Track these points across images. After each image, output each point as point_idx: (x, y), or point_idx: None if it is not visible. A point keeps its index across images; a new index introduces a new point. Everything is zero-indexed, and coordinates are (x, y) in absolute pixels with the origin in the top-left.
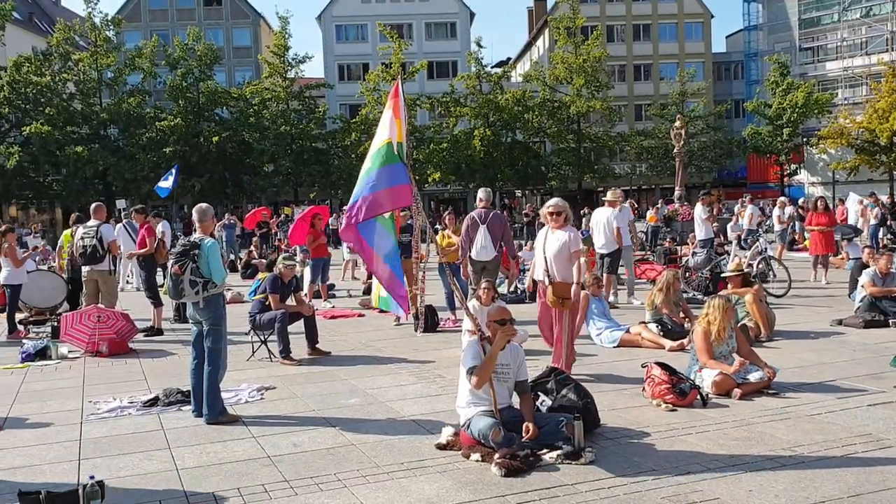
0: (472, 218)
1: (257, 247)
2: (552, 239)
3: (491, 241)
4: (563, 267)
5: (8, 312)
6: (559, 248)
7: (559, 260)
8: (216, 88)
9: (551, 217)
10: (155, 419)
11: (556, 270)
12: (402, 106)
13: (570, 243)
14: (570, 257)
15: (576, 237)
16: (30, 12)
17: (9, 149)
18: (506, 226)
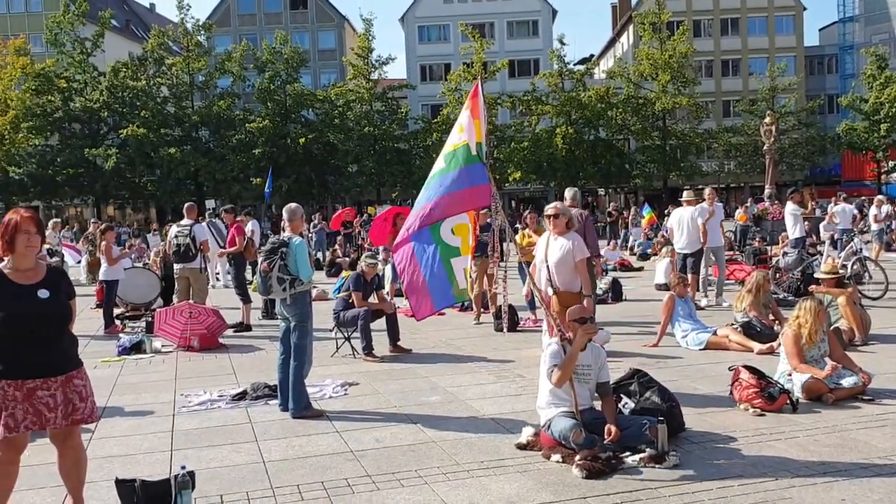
0: None
1: (341, 246)
2: (554, 246)
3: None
4: (566, 276)
5: (105, 308)
6: (562, 256)
7: (562, 268)
8: (302, 91)
9: (549, 221)
10: (243, 412)
11: (558, 280)
12: (482, 106)
13: (574, 251)
14: (575, 266)
15: (579, 244)
16: (127, 20)
17: (107, 151)
18: (588, 225)
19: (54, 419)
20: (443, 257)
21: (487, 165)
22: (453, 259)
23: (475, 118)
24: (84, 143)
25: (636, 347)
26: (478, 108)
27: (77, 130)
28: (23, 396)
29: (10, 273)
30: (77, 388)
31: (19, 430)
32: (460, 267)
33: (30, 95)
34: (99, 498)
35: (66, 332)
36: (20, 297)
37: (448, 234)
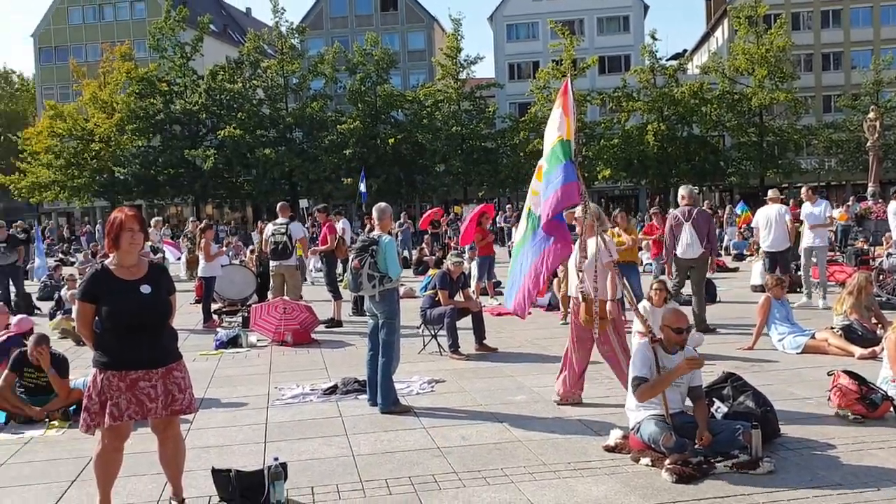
0: (676, 216)
1: (428, 244)
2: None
3: (697, 239)
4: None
5: (204, 303)
6: (589, 260)
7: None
8: (392, 91)
9: (577, 222)
10: (334, 406)
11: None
12: (572, 103)
13: (600, 253)
14: (602, 270)
15: (608, 246)
16: (224, 24)
17: (206, 152)
18: (711, 223)
19: (155, 409)
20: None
21: (576, 163)
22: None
23: (566, 115)
24: (184, 145)
25: (730, 350)
26: (568, 106)
27: (177, 132)
28: (126, 387)
29: (115, 269)
30: (176, 380)
31: (123, 419)
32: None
33: (134, 99)
34: (196, 486)
35: (166, 326)
36: (124, 293)
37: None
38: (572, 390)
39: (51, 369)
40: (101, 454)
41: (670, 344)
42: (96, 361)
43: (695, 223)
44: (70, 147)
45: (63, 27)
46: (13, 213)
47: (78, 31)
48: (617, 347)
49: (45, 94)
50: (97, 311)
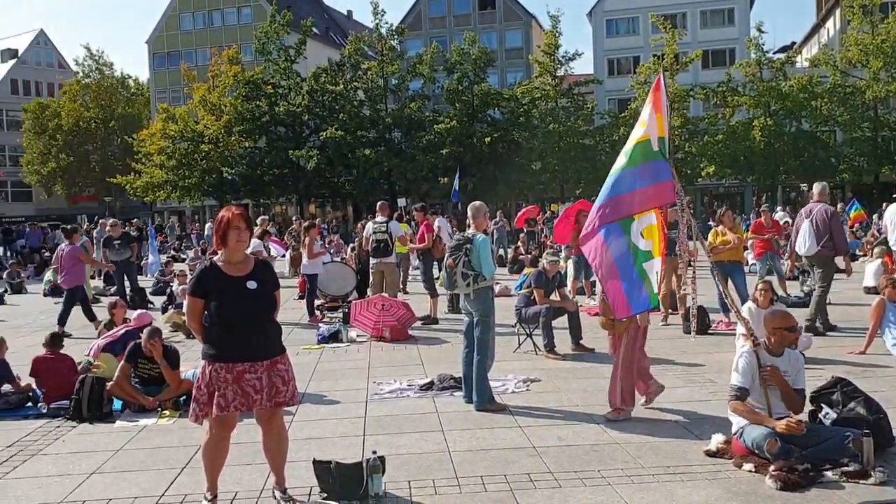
0: (800, 213)
1: (524, 243)
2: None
3: (813, 237)
4: None
5: (307, 299)
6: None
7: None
8: (489, 90)
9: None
10: (430, 402)
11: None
12: (664, 100)
13: None
14: None
15: None
16: (326, 27)
17: (309, 152)
18: (834, 220)
19: (260, 401)
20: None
21: (671, 161)
22: (645, 263)
23: (657, 112)
24: (288, 145)
25: (840, 354)
26: (660, 102)
27: (282, 133)
28: (233, 379)
29: (223, 265)
30: (280, 373)
31: (229, 409)
32: (653, 270)
33: (241, 101)
34: (298, 476)
35: (271, 321)
36: (231, 288)
37: (639, 238)
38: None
39: (163, 361)
40: (208, 443)
41: (781, 345)
42: (205, 354)
43: (814, 221)
44: (181, 148)
45: (175, 33)
46: (129, 212)
47: (189, 37)
48: (622, 358)
49: (159, 97)
50: (206, 306)
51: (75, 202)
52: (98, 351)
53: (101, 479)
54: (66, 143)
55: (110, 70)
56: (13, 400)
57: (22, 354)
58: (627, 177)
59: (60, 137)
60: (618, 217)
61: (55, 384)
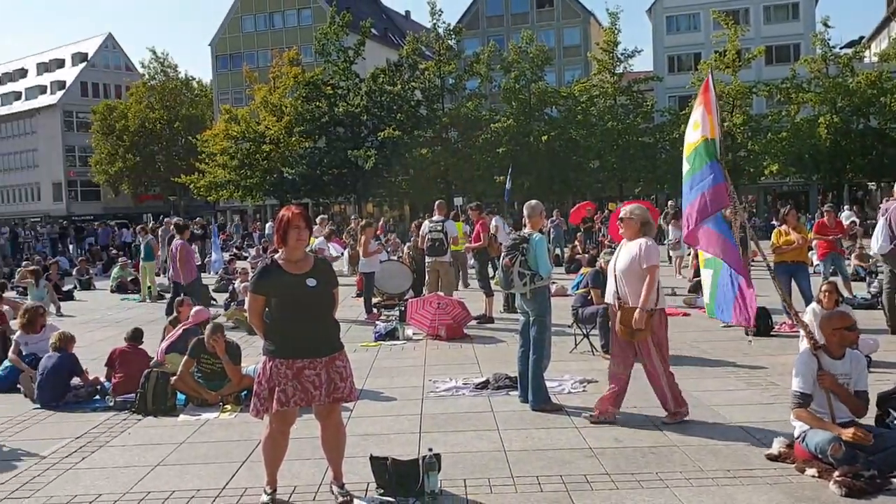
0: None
1: (581, 242)
2: (623, 252)
3: (887, 235)
4: (635, 286)
5: (365, 297)
6: (629, 263)
7: (630, 277)
8: (546, 88)
9: (621, 225)
10: (485, 401)
11: (627, 291)
12: (714, 101)
13: (640, 258)
14: (641, 275)
15: (648, 250)
16: (384, 28)
17: (366, 152)
18: None
19: (319, 396)
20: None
21: (723, 163)
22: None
23: (709, 114)
24: (347, 145)
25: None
26: (710, 103)
27: (341, 133)
28: (293, 375)
29: (283, 263)
30: (338, 369)
31: (289, 404)
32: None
33: (301, 102)
34: (356, 472)
35: (330, 318)
36: (291, 285)
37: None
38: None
39: (225, 356)
40: (268, 437)
41: (841, 346)
42: (266, 350)
43: (888, 219)
44: (243, 148)
45: (237, 35)
46: (193, 211)
47: (250, 39)
48: (658, 364)
49: (221, 98)
50: (267, 303)
51: (142, 201)
52: (163, 354)
53: (166, 470)
54: (132, 144)
55: (175, 72)
56: (82, 393)
57: (90, 349)
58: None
59: (127, 138)
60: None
61: (127, 377)
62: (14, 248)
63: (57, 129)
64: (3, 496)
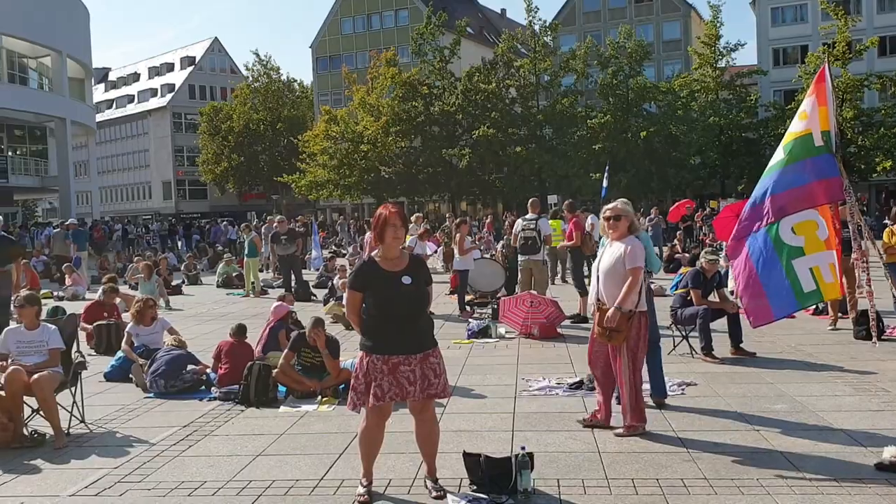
0: None
1: (680, 241)
2: (608, 253)
3: None
4: (615, 289)
5: (458, 294)
6: (612, 263)
7: (610, 279)
8: (645, 84)
9: (608, 224)
10: (579, 401)
11: (606, 292)
12: (829, 91)
13: (624, 257)
14: (624, 276)
15: (633, 251)
16: (480, 26)
17: (461, 151)
18: None
19: (413, 392)
20: (783, 260)
21: (838, 156)
22: (795, 260)
23: (821, 105)
24: (441, 144)
25: None
26: (824, 94)
27: (436, 132)
28: (388, 370)
29: (380, 261)
30: (432, 366)
31: (385, 399)
32: (805, 268)
33: (398, 102)
34: (449, 467)
35: (424, 315)
36: (388, 283)
37: (788, 234)
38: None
39: (325, 350)
40: (365, 431)
41: None
42: (363, 345)
43: None
44: (342, 148)
45: (337, 37)
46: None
47: (349, 41)
48: (626, 371)
49: (321, 99)
50: (364, 300)
51: (246, 199)
52: (261, 353)
53: (266, 460)
54: (237, 144)
55: (277, 74)
56: (188, 378)
57: (196, 341)
58: (788, 174)
59: (232, 139)
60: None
61: (232, 369)
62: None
63: (167, 130)
64: (116, 480)
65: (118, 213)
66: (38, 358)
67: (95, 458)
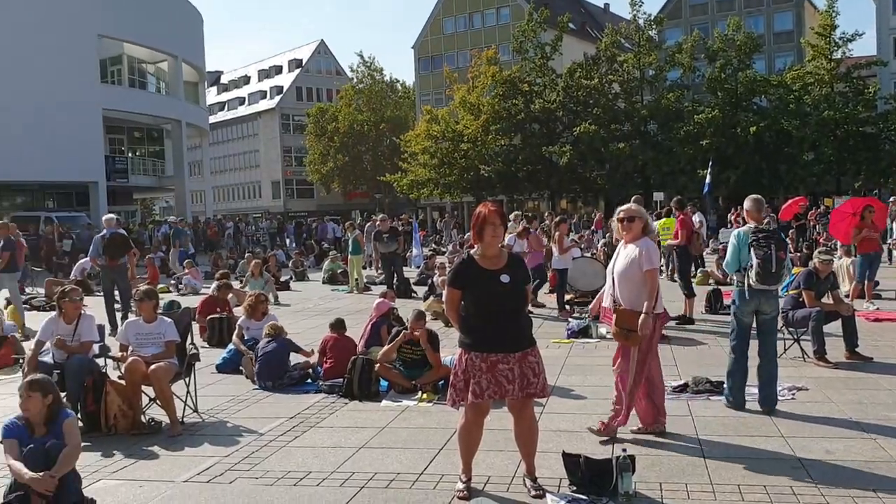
0: None
1: (793, 240)
2: (623, 255)
3: None
4: (631, 290)
5: (558, 293)
6: (627, 265)
7: (627, 281)
8: (755, 77)
9: (622, 225)
10: (683, 405)
11: (621, 294)
12: None
13: (640, 259)
14: (642, 278)
15: (649, 253)
16: (582, 21)
17: (561, 148)
18: None
19: (512, 391)
20: None
21: None
22: None
23: None
24: (542, 142)
25: None
26: None
27: (536, 130)
28: (487, 368)
29: (478, 259)
30: (531, 365)
31: (483, 397)
32: None
33: (498, 101)
34: (548, 466)
35: (522, 313)
36: (486, 281)
37: None
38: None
39: (427, 344)
40: (464, 427)
41: None
42: (461, 342)
43: None
44: (442, 148)
45: (438, 37)
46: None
47: (451, 40)
48: (633, 370)
49: (423, 99)
50: (463, 297)
51: (351, 198)
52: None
53: (369, 453)
54: (342, 145)
55: (380, 75)
56: (295, 375)
57: (303, 335)
58: None
59: (337, 139)
60: None
61: (336, 363)
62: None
63: (275, 131)
64: (226, 468)
65: (230, 211)
66: (156, 349)
67: (207, 447)
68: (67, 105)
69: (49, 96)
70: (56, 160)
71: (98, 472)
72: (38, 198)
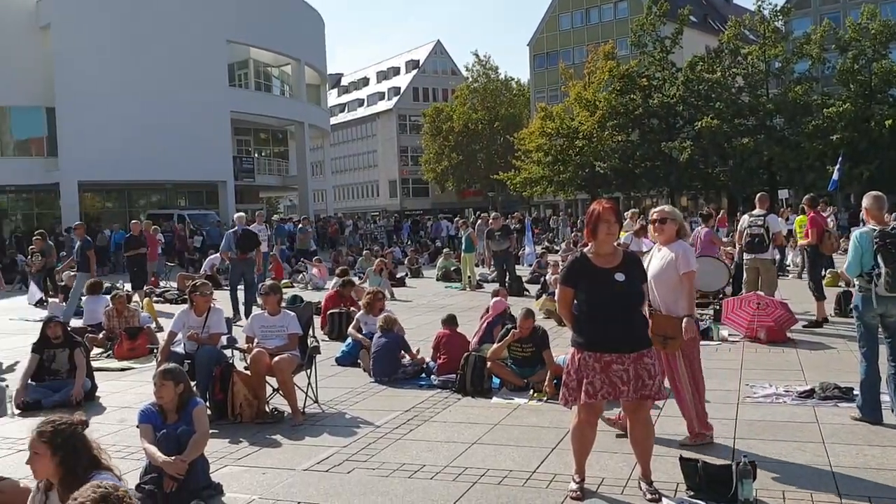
0: None
1: None
2: (657, 257)
3: None
4: (668, 294)
5: None
6: (662, 269)
7: (663, 285)
8: (891, 68)
9: (655, 227)
10: (809, 411)
11: (659, 299)
12: None
13: (678, 262)
14: (679, 281)
15: (685, 255)
16: (704, 14)
17: (682, 143)
18: None
19: (626, 392)
20: None
21: None
22: None
23: None
24: (661, 137)
25: None
26: None
27: (654, 125)
28: (600, 368)
29: (592, 257)
30: (647, 366)
31: (597, 397)
32: None
33: (615, 96)
34: (665, 471)
35: (638, 313)
36: (600, 279)
37: None
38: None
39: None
40: (577, 427)
41: None
42: (574, 341)
43: None
44: (557, 145)
45: (554, 34)
46: (509, 206)
47: (567, 36)
48: (684, 375)
49: (538, 96)
50: (575, 295)
51: (465, 197)
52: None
53: (481, 449)
54: (456, 144)
55: (495, 74)
56: (410, 371)
57: (417, 331)
58: None
59: (452, 138)
60: None
61: (449, 359)
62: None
63: (393, 131)
64: (344, 458)
65: (349, 209)
66: (279, 341)
67: (327, 437)
68: (199, 108)
69: (182, 100)
70: (188, 161)
71: (224, 458)
72: (171, 196)
